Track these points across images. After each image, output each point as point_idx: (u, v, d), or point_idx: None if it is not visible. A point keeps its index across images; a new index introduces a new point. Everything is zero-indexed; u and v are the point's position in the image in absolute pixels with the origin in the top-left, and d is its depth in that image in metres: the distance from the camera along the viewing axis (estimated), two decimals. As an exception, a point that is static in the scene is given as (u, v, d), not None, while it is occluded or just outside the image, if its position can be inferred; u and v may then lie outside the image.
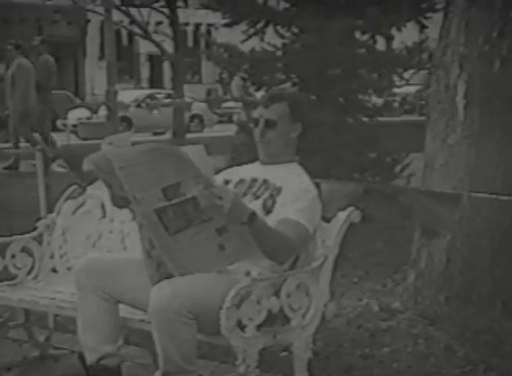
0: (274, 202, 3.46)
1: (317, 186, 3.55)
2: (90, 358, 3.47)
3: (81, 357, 3.54)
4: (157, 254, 3.31)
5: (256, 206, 3.41)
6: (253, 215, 3.21)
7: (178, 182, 3.24)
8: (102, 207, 4.27)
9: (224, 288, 3.23)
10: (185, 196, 3.22)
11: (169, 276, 3.29)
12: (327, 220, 3.57)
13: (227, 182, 3.57)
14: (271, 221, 3.35)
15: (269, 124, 3.51)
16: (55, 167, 7.82)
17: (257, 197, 3.50)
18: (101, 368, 3.45)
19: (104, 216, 4.25)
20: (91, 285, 3.45)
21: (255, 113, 3.57)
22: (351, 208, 3.54)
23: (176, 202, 3.22)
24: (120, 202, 3.48)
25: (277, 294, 3.37)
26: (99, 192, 4.30)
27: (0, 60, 18.24)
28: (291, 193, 3.44)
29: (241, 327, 3.26)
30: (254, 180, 3.56)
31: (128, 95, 24.66)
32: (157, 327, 3.18)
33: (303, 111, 3.59)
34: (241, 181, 3.58)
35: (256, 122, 3.54)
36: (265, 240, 3.26)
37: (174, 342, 3.18)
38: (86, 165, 3.38)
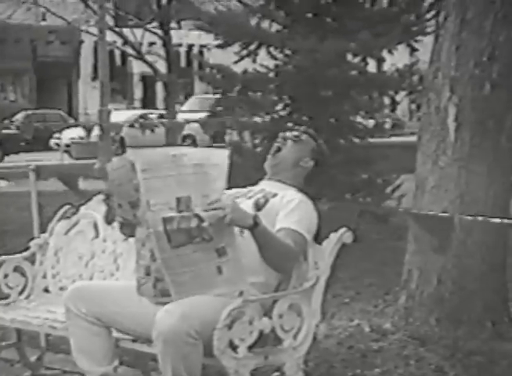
0: (266, 201, 3.51)
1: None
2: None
3: None
4: (157, 268, 3.30)
5: (247, 205, 3.45)
6: (256, 217, 3.27)
7: (191, 195, 3.24)
8: (95, 227, 4.26)
9: (221, 309, 3.22)
10: (193, 210, 3.23)
11: (166, 294, 3.29)
12: (319, 242, 3.57)
13: None
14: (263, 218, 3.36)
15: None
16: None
17: (249, 198, 3.56)
18: None
19: (97, 236, 4.24)
20: (79, 311, 3.44)
21: (281, 134, 3.69)
22: (342, 229, 3.55)
23: (184, 215, 3.22)
24: (126, 230, 3.50)
25: (269, 314, 3.37)
26: (92, 212, 4.30)
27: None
28: (288, 201, 3.48)
29: (233, 347, 3.25)
30: (251, 190, 3.64)
31: (120, 115, 24.66)
32: (167, 349, 3.16)
33: (323, 158, 3.70)
34: (238, 191, 3.64)
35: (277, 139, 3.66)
36: (268, 246, 3.31)
37: (184, 364, 3.17)
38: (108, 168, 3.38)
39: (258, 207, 3.49)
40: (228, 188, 3.44)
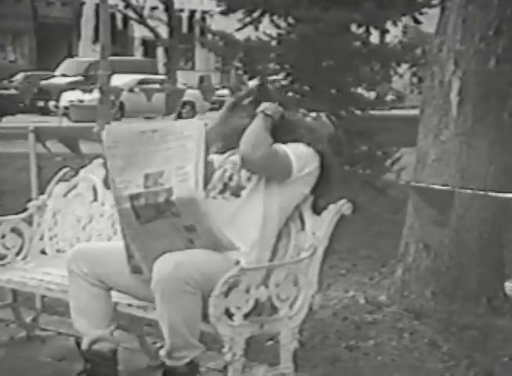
0: None
1: None
2: (84, 342, 3.47)
3: (78, 342, 3.53)
4: (126, 245, 3.32)
5: None
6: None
7: (162, 170, 3.23)
8: (94, 190, 4.25)
9: (222, 266, 3.24)
10: (162, 186, 3.21)
11: (138, 271, 3.32)
12: (317, 212, 3.57)
13: None
14: None
15: None
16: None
17: None
18: (94, 353, 3.44)
19: (95, 199, 4.24)
20: (81, 272, 3.44)
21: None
22: (342, 201, 3.54)
23: (151, 190, 3.20)
24: None
25: (265, 284, 3.38)
26: (91, 175, 4.29)
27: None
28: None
29: (229, 315, 3.26)
30: None
31: (120, 79, 24.56)
32: (163, 297, 3.17)
33: (338, 143, 3.66)
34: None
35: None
36: (259, 129, 3.41)
37: (181, 313, 3.18)
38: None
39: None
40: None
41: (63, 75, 26.32)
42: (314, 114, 3.67)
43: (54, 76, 26.61)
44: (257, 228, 3.41)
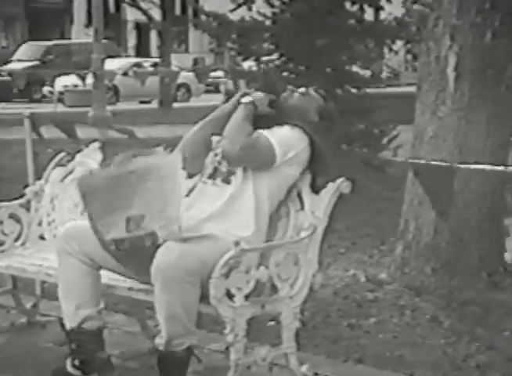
0: None
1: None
2: (70, 324, 3.46)
3: (62, 323, 3.53)
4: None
5: None
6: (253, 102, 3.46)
7: (143, 214, 3.25)
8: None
9: (222, 251, 3.24)
10: (146, 230, 3.24)
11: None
12: (316, 191, 3.55)
13: None
14: None
15: None
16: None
17: None
18: (81, 331, 3.45)
19: (93, 184, 4.21)
20: (72, 250, 3.44)
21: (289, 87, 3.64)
22: (341, 179, 3.52)
23: (135, 235, 3.24)
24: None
25: (265, 264, 3.37)
26: (87, 159, 4.26)
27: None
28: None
29: (230, 296, 3.25)
30: None
31: (114, 63, 24.47)
32: (164, 285, 3.17)
33: (329, 116, 3.66)
34: None
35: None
36: (237, 121, 3.43)
37: (181, 301, 3.18)
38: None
39: None
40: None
41: (19, 60, 25.71)
42: (302, 89, 3.63)
43: (11, 61, 25.99)
44: (251, 214, 3.41)
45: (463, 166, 3.74)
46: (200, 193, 3.47)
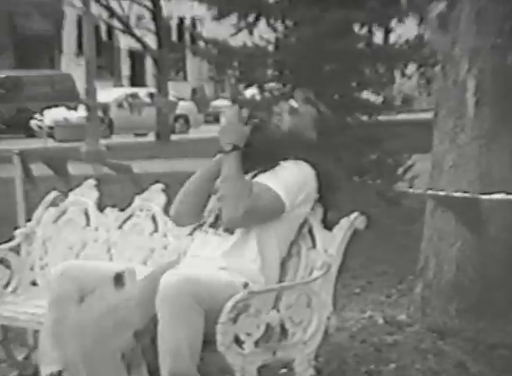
0: None
1: None
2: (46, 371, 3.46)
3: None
4: None
5: None
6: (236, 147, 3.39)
7: None
8: (86, 214, 4.22)
9: (229, 289, 3.24)
10: None
11: None
12: (329, 227, 3.53)
13: None
14: None
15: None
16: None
17: None
18: None
19: (88, 224, 4.21)
20: (69, 293, 3.43)
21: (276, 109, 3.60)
22: (355, 214, 3.51)
23: None
24: None
25: (276, 307, 3.34)
26: (82, 198, 4.25)
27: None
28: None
29: (238, 343, 3.22)
30: None
31: (108, 94, 24.58)
32: (169, 312, 3.14)
33: (326, 125, 3.65)
34: None
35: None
36: (232, 180, 3.35)
37: (186, 331, 3.14)
38: None
39: None
40: None
41: None
42: (288, 106, 3.57)
43: None
44: (257, 264, 3.40)
45: (486, 197, 3.72)
46: (202, 243, 3.47)
